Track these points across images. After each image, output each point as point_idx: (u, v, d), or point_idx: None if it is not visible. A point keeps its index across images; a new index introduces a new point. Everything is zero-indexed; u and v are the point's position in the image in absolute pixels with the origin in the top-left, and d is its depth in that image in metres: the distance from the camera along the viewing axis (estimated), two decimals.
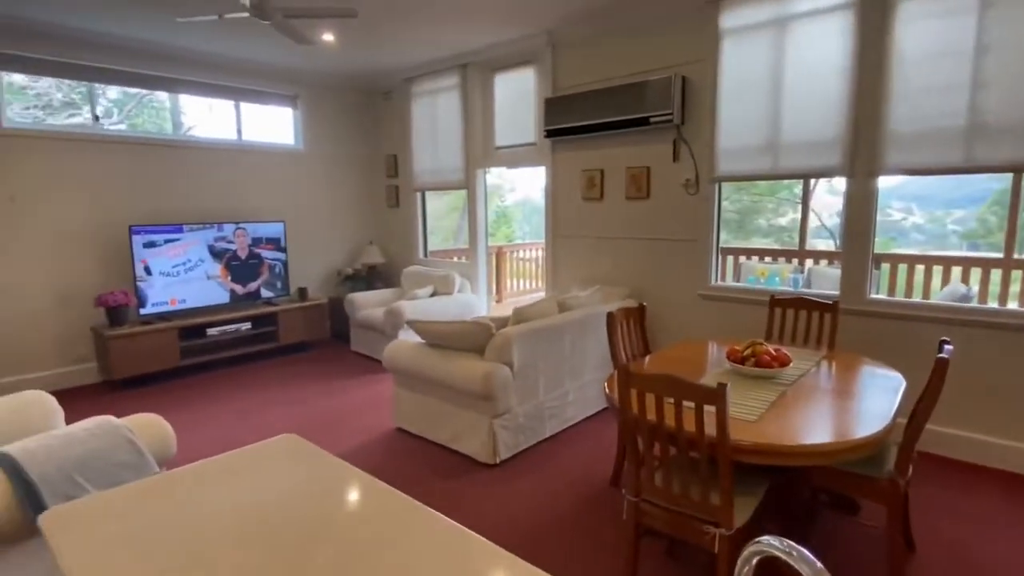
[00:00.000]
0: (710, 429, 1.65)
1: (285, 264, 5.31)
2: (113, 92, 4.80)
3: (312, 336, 5.39)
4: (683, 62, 3.74)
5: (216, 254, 4.85)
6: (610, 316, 2.72)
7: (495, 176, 11.28)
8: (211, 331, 4.73)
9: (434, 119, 5.46)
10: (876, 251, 3.26)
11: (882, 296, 3.44)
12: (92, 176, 4.40)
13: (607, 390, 2.13)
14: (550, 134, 4.39)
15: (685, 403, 1.68)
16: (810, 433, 1.80)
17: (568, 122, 4.24)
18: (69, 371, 4.40)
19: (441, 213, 7.86)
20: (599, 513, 2.53)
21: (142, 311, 4.43)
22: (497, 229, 11.98)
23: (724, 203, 3.94)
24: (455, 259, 6.13)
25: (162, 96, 4.98)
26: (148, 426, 2.17)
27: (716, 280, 3.87)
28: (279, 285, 5.28)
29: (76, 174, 4.33)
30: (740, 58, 3.49)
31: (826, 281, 5.21)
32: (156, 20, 3.98)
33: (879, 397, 2.06)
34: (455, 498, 2.68)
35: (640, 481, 1.90)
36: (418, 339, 3.45)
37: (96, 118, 4.56)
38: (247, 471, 1.35)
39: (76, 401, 4.02)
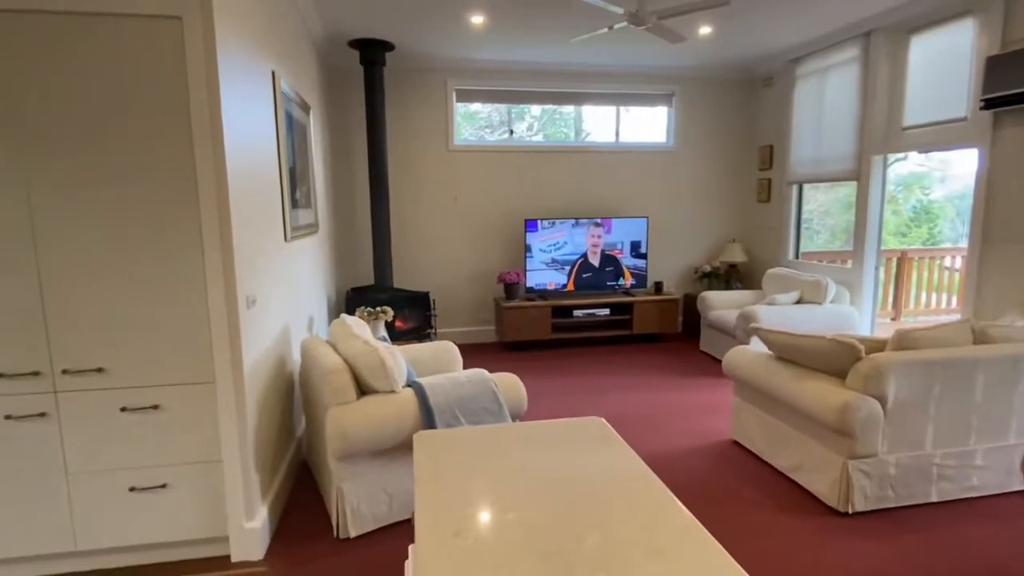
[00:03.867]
0: None
1: (645, 257, 5.55)
2: (536, 110, 5.94)
3: (663, 329, 5.49)
4: None
5: (588, 244, 5.44)
6: None
7: (914, 163, 9.05)
8: (577, 313, 5.35)
9: (820, 101, 4.77)
10: None
11: None
12: (505, 179, 5.51)
13: (1021, 463, 1.51)
14: (991, 104, 3.29)
15: None
16: None
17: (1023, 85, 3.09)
18: (475, 330, 5.68)
19: (829, 209, 6.82)
20: None
21: (528, 288, 5.35)
22: (912, 229, 9.64)
23: None
24: (837, 263, 5.25)
25: (568, 108, 5.85)
26: (509, 384, 2.61)
27: None
28: (638, 277, 5.57)
29: (495, 178, 5.50)
30: None
31: None
32: (558, 45, 4.67)
33: None
34: (786, 536, 2.35)
35: None
36: (765, 349, 3.13)
37: (511, 132, 5.68)
38: (556, 441, 1.50)
39: (474, 353, 5.18)
